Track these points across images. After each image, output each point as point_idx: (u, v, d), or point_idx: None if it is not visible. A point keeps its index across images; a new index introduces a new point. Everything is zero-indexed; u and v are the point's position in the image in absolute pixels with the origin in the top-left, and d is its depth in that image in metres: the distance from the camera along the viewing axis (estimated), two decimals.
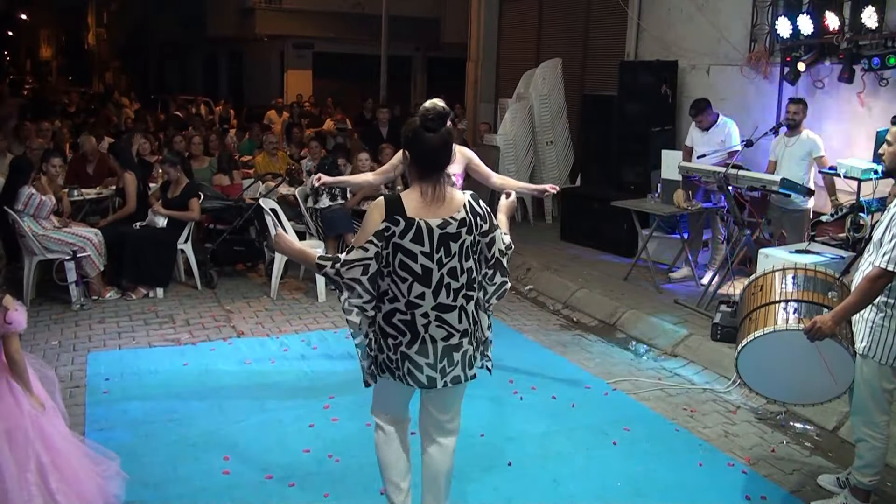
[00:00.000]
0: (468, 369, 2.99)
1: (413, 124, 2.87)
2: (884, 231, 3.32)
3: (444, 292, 2.88)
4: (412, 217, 2.82)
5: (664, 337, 5.96)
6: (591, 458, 4.16)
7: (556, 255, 8.34)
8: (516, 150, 9.78)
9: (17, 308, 3.10)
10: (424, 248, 2.83)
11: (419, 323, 2.89)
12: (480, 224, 2.92)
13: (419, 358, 2.91)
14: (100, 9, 38.78)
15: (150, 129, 12.73)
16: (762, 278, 3.89)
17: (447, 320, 2.90)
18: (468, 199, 2.92)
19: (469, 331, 2.97)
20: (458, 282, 2.90)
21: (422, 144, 2.85)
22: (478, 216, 2.91)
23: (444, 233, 2.84)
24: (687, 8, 8.62)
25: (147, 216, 7.07)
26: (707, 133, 7.16)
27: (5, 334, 3.04)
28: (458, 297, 2.91)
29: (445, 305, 2.89)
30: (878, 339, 3.39)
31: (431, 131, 2.83)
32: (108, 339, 5.80)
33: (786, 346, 3.58)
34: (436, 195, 2.84)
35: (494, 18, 12.65)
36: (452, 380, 2.96)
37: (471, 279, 2.94)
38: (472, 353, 3.00)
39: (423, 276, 2.85)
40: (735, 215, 6.31)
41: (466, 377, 3.00)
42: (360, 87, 19.87)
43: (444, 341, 2.92)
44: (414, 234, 2.82)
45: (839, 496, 3.73)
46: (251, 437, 4.27)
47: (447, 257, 2.86)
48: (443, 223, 2.84)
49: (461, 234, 2.87)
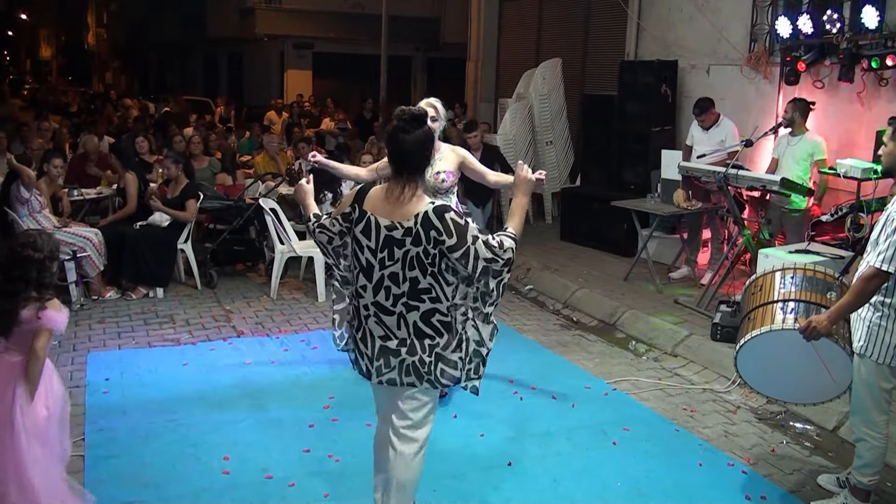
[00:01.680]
0: (405, 376, 2.96)
1: (392, 121, 2.94)
2: (879, 231, 3.32)
3: (384, 294, 2.91)
4: (365, 210, 2.90)
5: (664, 337, 5.96)
6: (591, 458, 4.16)
7: (556, 255, 8.34)
8: (516, 150, 9.77)
9: (62, 310, 3.13)
10: (370, 243, 2.90)
11: (362, 313, 2.99)
12: (434, 237, 2.79)
13: (362, 346, 3.03)
14: (100, 9, 38.79)
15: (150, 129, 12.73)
16: (762, 278, 3.90)
17: (385, 322, 2.95)
18: (426, 210, 2.81)
19: (410, 342, 2.92)
20: (399, 288, 2.88)
21: (396, 144, 2.89)
22: (432, 230, 2.78)
23: (388, 235, 2.86)
24: (687, 8, 8.62)
25: (147, 216, 7.06)
26: (708, 132, 7.17)
27: (38, 328, 3.06)
28: (398, 304, 2.90)
29: (383, 307, 2.93)
30: (875, 338, 3.39)
31: (405, 132, 2.86)
32: (108, 339, 5.80)
33: (784, 346, 3.58)
34: (401, 195, 2.85)
35: (494, 18, 12.66)
36: (388, 381, 2.99)
37: (415, 289, 2.87)
38: (413, 364, 2.93)
39: (367, 269, 2.93)
40: (735, 215, 6.31)
41: (402, 382, 2.97)
42: (360, 87, 19.87)
43: (381, 340, 2.96)
44: (364, 227, 2.91)
45: (839, 496, 3.74)
46: (251, 437, 4.27)
47: (389, 260, 2.88)
48: (390, 225, 2.86)
49: (405, 243, 2.84)
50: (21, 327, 3.08)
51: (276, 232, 6.94)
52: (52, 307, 3.10)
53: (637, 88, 8.65)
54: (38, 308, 3.05)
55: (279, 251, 6.94)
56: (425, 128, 2.91)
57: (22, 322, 3.07)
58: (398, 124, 2.88)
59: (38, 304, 3.06)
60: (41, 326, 3.07)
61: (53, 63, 47.36)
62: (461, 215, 2.89)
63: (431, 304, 2.91)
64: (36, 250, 3.09)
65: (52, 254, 3.16)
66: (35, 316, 3.05)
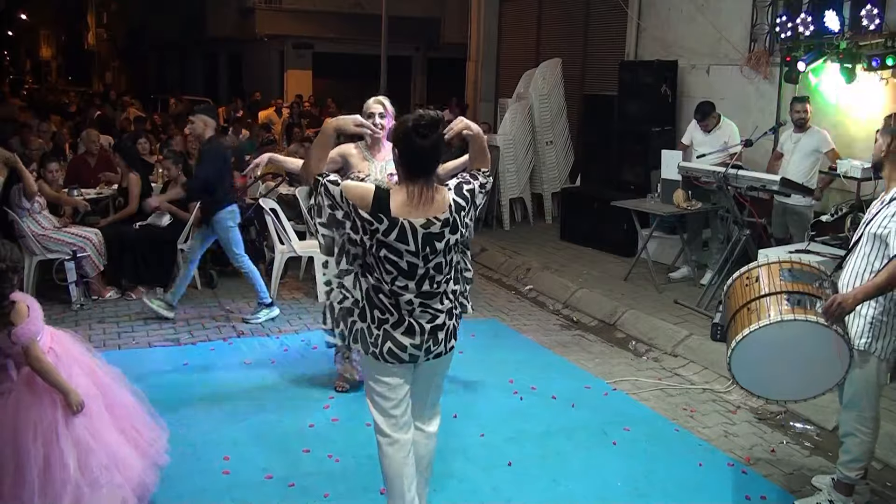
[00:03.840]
0: (448, 342, 3.08)
1: (405, 125, 2.90)
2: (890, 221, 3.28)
3: (429, 283, 2.95)
4: (396, 217, 2.85)
5: (664, 337, 5.96)
6: (591, 458, 4.16)
7: (556, 255, 8.34)
8: (516, 150, 9.78)
9: (30, 309, 3.13)
10: (409, 247, 2.87)
11: (404, 309, 2.96)
12: (463, 217, 2.96)
13: (404, 339, 2.98)
14: (100, 9, 38.73)
15: (150, 129, 12.73)
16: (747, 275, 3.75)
17: (431, 305, 2.98)
18: (453, 198, 2.93)
19: (449, 308, 3.05)
20: (443, 274, 2.98)
21: (411, 147, 2.88)
22: (461, 210, 2.94)
23: (427, 233, 2.88)
24: (687, 8, 8.62)
25: (147, 216, 7.06)
26: (710, 134, 7.18)
27: (22, 347, 3.07)
28: (441, 285, 2.99)
29: (429, 293, 2.97)
30: (878, 333, 3.38)
31: (423, 137, 2.87)
32: (108, 339, 5.80)
33: (779, 340, 3.48)
34: (423, 196, 2.87)
35: (494, 18, 12.66)
36: (435, 355, 3.06)
37: (453, 267, 3.04)
38: (453, 325, 3.09)
39: (409, 271, 2.91)
40: (735, 215, 6.31)
41: (447, 350, 3.08)
42: (361, 87, 19.84)
43: (429, 323, 3.00)
44: (398, 234, 2.86)
45: (822, 492, 3.74)
46: (251, 437, 4.27)
47: (433, 255, 2.91)
48: (426, 223, 2.87)
49: (444, 234, 2.90)
50: (3, 351, 3.09)
51: (276, 232, 6.94)
52: (18, 319, 3.07)
53: (637, 88, 8.65)
54: (9, 331, 3.04)
55: (279, 251, 6.94)
56: (440, 131, 2.93)
57: (1, 349, 3.07)
58: (416, 129, 2.86)
59: (7, 327, 3.04)
60: (23, 345, 3.06)
61: (53, 63, 47.32)
62: (467, 181, 3.03)
63: (459, 266, 3.12)
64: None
65: (14, 265, 3.11)
66: (9, 341, 3.05)
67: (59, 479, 3.05)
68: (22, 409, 3.11)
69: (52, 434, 3.09)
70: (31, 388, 3.15)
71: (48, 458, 3.07)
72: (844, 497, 3.64)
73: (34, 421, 3.09)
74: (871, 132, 6.40)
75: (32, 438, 3.07)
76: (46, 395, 3.14)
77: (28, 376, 3.16)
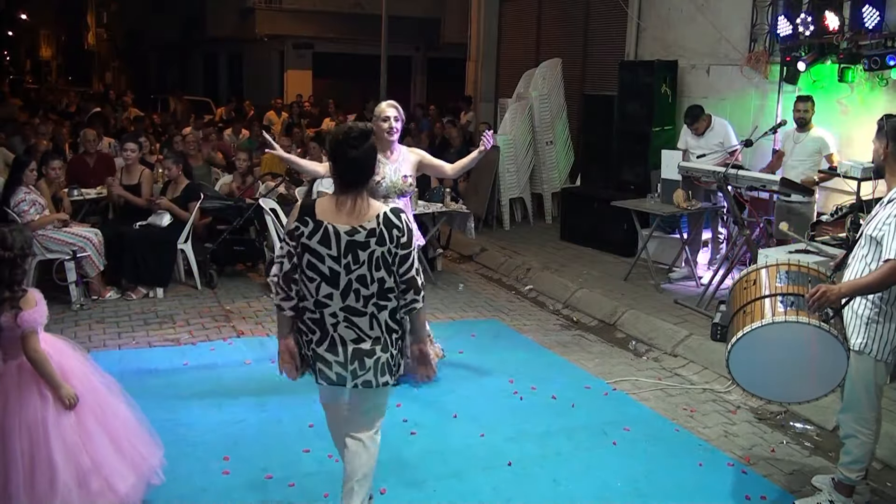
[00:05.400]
0: (380, 376, 3.03)
1: (337, 137, 2.95)
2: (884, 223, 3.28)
3: (353, 297, 2.95)
4: (320, 220, 2.90)
5: (664, 337, 5.96)
6: (591, 458, 4.16)
7: (556, 255, 8.34)
8: (516, 150, 9.78)
9: (38, 303, 3.14)
10: (332, 251, 2.91)
11: (328, 322, 2.98)
12: (396, 235, 2.93)
13: (328, 355, 3.01)
14: (100, 9, 38.73)
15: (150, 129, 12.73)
16: (747, 277, 3.79)
17: (357, 324, 2.98)
18: (385, 211, 2.95)
19: (383, 339, 3.01)
20: (369, 290, 2.96)
21: (344, 160, 2.93)
22: (394, 228, 2.93)
23: (351, 240, 2.91)
24: (687, 8, 8.62)
25: (147, 216, 7.05)
26: (703, 137, 7.19)
27: (23, 334, 3.07)
28: (369, 305, 2.97)
29: (355, 309, 2.97)
30: (874, 335, 3.38)
31: (355, 148, 2.92)
32: (108, 339, 5.80)
33: (776, 341, 3.49)
34: (353, 207, 2.92)
35: (494, 18, 12.66)
36: (363, 384, 3.03)
37: (383, 289, 2.98)
38: (386, 361, 3.04)
39: (331, 278, 2.93)
40: (735, 215, 6.31)
41: (378, 383, 3.04)
42: (361, 87, 19.85)
43: (353, 343, 2.99)
44: (321, 237, 2.90)
45: (822, 493, 3.74)
46: (251, 437, 4.27)
47: (355, 264, 2.93)
48: (351, 230, 2.91)
49: (370, 244, 2.92)
50: (5, 333, 3.08)
51: (276, 232, 6.94)
52: (27, 305, 3.09)
53: (637, 88, 8.65)
54: (16, 313, 3.05)
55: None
56: (371, 141, 2.98)
57: (3, 329, 3.06)
58: (347, 141, 2.92)
59: (15, 309, 3.05)
60: (24, 331, 3.06)
61: (53, 63, 47.31)
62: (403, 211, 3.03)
63: (396, 302, 3.02)
64: (6, 248, 3.07)
65: (24, 251, 3.14)
66: (15, 323, 3.05)
67: (46, 478, 3.03)
68: (10, 402, 3.09)
69: (38, 431, 3.07)
70: (18, 383, 3.12)
71: (34, 455, 3.05)
72: (845, 497, 3.64)
73: (19, 415, 3.07)
74: (871, 132, 6.41)
75: (17, 434, 3.04)
76: (35, 391, 3.12)
77: (17, 369, 3.13)
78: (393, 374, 3.07)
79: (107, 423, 3.30)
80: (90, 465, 3.14)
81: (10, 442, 3.04)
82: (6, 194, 6.35)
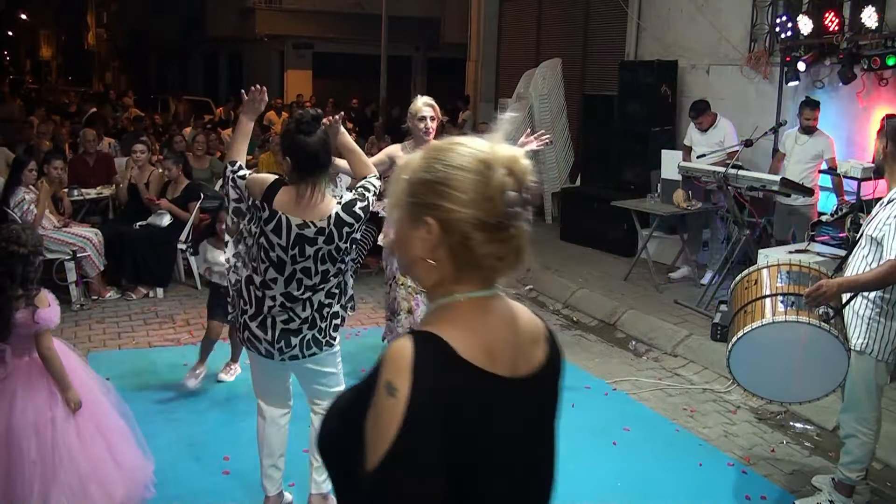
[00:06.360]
0: (307, 350, 3.13)
1: (288, 128, 2.98)
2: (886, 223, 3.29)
3: (296, 285, 3.02)
4: (276, 209, 2.93)
5: (664, 337, 5.96)
6: (591, 458, 4.16)
7: (556, 255, 8.34)
8: None
9: (51, 303, 3.17)
10: (281, 241, 2.95)
11: (266, 304, 3.05)
12: (346, 232, 3.00)
13: (259, 332, 3.09)
14: (100, 9, 38.73)
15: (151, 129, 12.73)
16: (748, 277, 3.80)
17: (291, 308, 3.05)
18: (337, 211, 2.98)
19: (311, 318, 3.10)
20: (311, 280, 3.03)
21: (300, 149, 2.94)
22: (344, 227, 2.99)
23: (300, 234, 2.94)
24: (687, 8, 8.62)
25: (147, 216, 7.05)
26: (706, 134, 7.18)
27: (37, 332, 3.08)
28: (307, 292, 3.04)
29: (293, 296, 3.03)
30: (875, 335, 3.38)
31: (307, 134, 2.93)
32: (108, 339, 5.80)
33: (777, 341, 3.50)
34: (311, 198, 2.94)
35: (494, 18, 12.65)
36: (290, 357, 3.13)
37: (325, 277, 3.07)
38: (313, 336, 3.14)
39: (278, 265, 2.99)
40: (735, 215, 6.31)
41: (304, 355, 3.14)
42: (361, 87, 19.87)
43: (283, 324, 3.07)
44: (274, 226, 2.95)
45: (822, 493, 3.74)
46: (251, 437, 4.25)
47: (301, 257, 2.97)
48: (302, 224, 2.94)
49: (317, 241, 2.96)
50: (18, 330, 3.08)
51: None
52: (41, 304, 3.11)
53: (637, 88, 8.64)
54: (32, 311, 3.06)
55: None
56: (323, 128, 3.01)
57: (18, 325, 3.07)
58: (298, 127, 2.93)
59: (31, 306, 3.07)
60: (39, 329, 3.07)
61: (53, 63, 47.30)
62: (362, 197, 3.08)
63: (335, 280, 3.10)
64: (20, 245, 3.09)
65: (37, 248, 3.16)
66: (31, 320, 3.06)
67: (49, 478, 3.04)
68: (17, 399, 3.10)
69: (47, 430, 3.08)
70: (27, 382, 3.13)
71: (41, 454, 3.06)
72: (845, 497, 3.64)
73: (28, 413, 3.08)
74: (870, 133, 6.41)
75: (25, 432, 3.05)
76: (44, 390, 3.12)
77: (27, 367, 3.14)
78: (321, 345, 3.16)
79: (104, 431, 3.31)
80: (89, 471, 3.14)
81: (18, 439, 3.04)
82: (6, 194, 6.35)
